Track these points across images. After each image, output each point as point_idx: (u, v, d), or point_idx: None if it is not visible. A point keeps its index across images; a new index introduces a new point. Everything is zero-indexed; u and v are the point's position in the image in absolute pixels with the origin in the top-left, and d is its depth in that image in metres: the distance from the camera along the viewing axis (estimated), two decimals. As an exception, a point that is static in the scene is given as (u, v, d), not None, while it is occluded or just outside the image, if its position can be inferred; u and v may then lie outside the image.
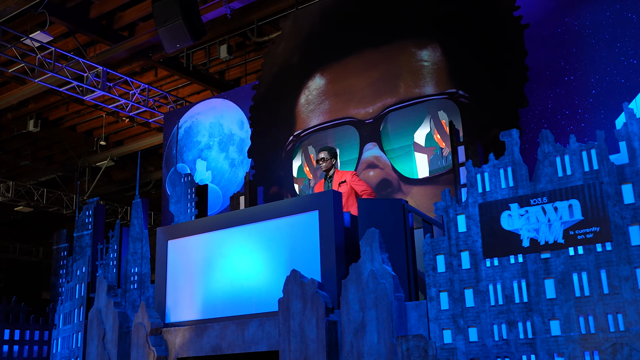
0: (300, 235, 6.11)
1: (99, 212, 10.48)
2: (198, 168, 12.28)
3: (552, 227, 4.80)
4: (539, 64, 8.91)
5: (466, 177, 5.20)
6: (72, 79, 12.96)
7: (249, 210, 6.82)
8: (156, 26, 10.23)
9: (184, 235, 6.92)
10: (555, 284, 4.72)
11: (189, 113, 12.91)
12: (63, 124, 18.74)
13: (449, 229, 5.24)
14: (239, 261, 6.45)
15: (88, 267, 9.54)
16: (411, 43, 8.90)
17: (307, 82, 9.89)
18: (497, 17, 8.37)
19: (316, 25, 10.08)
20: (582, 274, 4.64)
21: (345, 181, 7.09)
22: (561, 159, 4.88)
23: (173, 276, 6.90)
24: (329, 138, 9.34)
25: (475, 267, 5.06)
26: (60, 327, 8.48)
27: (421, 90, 8.65)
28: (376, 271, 5.31)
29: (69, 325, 8.15)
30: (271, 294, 6.07)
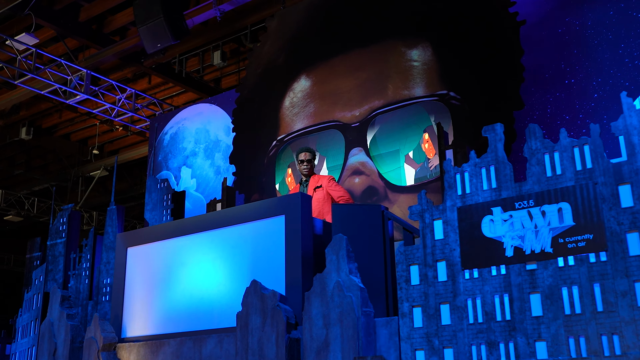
0: (265, 243, 5.53)
1: (73, 220, 9.93)
2: (183, 176, 11.75)
3: (540, 234, 4.19)
4: (538, 66, 8.34)
5: (444, 178, 4.61)
6: (55, 82, 12.48)
7: (212, 215, 6.25)
8: (137, 25, 9.76)
9: (145, 242, 6.36)
10: (542, 300, 4.10)
11: (175, 119, 12.40)
12: (57, 132, 18.33)
13: (425, 236, 4.64)
14: (199, 271, 5.87)
15: (60, 277, 9.00)
16: (401, 42, 8.35)
17: (292, 83, 9.36)
18: (492, 14, 7.82)
19: (303, 25, 9.57)
20: (573, 288, 4.02)
21: (321, 186, 6.51)
22: (550, 157, 4.28)
23: (131, 287, 6.32)
24: (312, 143, 8.77)
25: (453, 280, 4.45)
26: (19, 340, 7.91)
27: (410, 91, 8.09)
28: (342, 283, 4.71)
29: (25, 338, 7.58)
30: (232, 307, 5.47)
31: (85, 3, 12.54)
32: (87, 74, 12.50)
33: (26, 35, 12.05)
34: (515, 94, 7.46)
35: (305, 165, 6.62)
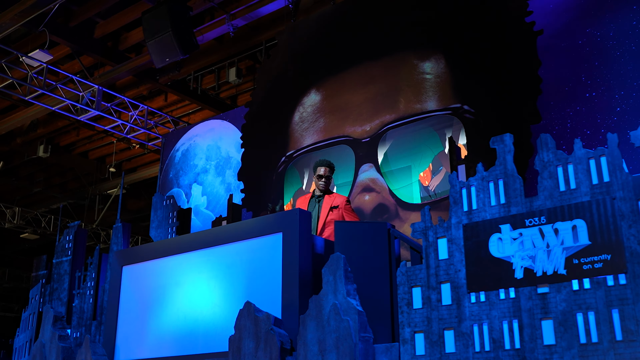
0: (261, 262, 5.22)
1: (79, 237, 9.72)
2: (193, 193, 11.51)
3: (552, 254, 3.81)
4: (557, 79, 7.97)
5: (449, 193, 4.26)
6: (67, 98, 12.39)
7: (208, 232, 5.95)
8: (145, 39, 9.59)
9: (140, 261, 6.08)
10: (554, 327, 3.72)
11: (187, 135, 12.20)
12: (75, 150, 18.30)
13: (428, 256, 4.29)
14: (194, 291, 5.57)
15: (65, 296, 8.78)
16: (413, 54, 8.04)
17: (302, 98, 9.08)
18: (507, 24, 7.49)
19: (313, 38, 9.31)
20: (589, 314, 3.63)
21: (338, 207, 6.13)
22: (563, 170, 3.92)
23: (126, 307, 6.04)
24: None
25: (458, 303, 4.08)
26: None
27: (423, 105, 7.75)
28: (339, 305, 4.37)
29: (23, 359, 7.33)
30: (226, 329, 5.15)
31: (100, 20, 12.47)
32: (98, 90, 12.38)
33: (40, 51, 11.96)
34: (533, 106, 7.09)
35: (324, 182, 6.19)
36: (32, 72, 11.71)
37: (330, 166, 6.27)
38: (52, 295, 9.55)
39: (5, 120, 15.06)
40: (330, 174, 6.23)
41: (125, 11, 12.04)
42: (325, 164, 6.27)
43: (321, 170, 6.22)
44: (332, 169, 6.27)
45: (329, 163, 6.30)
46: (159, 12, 9.36)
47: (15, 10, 10.80)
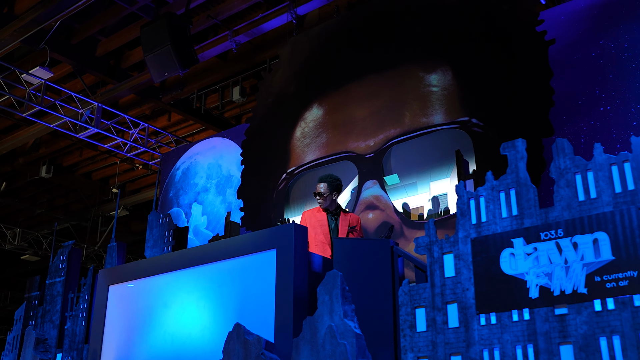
0: (254, 281, 4.85)
1: (73, 258, 9.36)
2: (193, 212, 11.15)
3: (571, 271, 3.43)
4: (570, 92, 7.61)
5: (456, 204, 3.89)
6: (66, 115, 12.14)
7: (199, 249, 5.58)
8: (144, 53, 9.31)
9: (127, 280, 5.72)
10: (575, 352, 3.31)
11: (187, 153, 11.89)
12: (78, 171, 18.05)
13: (433, 273, 3.91)
14: (183, 312, 5.19)
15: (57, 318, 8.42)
16: (418, 66, 7.70)
17: (304, 113, 8.75)
18: (517, 34, 7.15)
19: (315, 51, 9.00)
20: (614, 338, 3.23)
21: (356, 227, 5.82)
22: (582, 177, 3.55)
23: (111, 329, 5.67)
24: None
25: (466, 326, 3.68)
26: (-1, 387, 7.29)
27: (429, 119, 7.40)
28: (335, 328, 3.98)
29: (5, 385, 6.95)
30: (216, 353, 4.77)
31: (102, 38, 12.27)
32: (98, 108, 12.13)
33: (40, 69, 11.74)
34: (544, 119, 6.72)
35: (318, 200, 5.88)
36: (30, 89, 11.48)
37: (326, 181, 5.90)
38: (44, 318, 9.19)
39: (6, 140, 14.84)
40: (328, 191, 5.85)
41: (128, 29, 11.84)
42: (322, 180, 5.94)
43: (317, 188, 5.91)
44: (331, 186, 5.88)
45: (327, 179, 5.94)
46: (157, 25, 9.09)
47: (15, 26, 10.60)
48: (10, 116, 13.78)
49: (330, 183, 5.90)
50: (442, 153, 7.41)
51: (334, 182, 5.93)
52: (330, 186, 5.89)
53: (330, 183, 5.90)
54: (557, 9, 8.05)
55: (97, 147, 15.47)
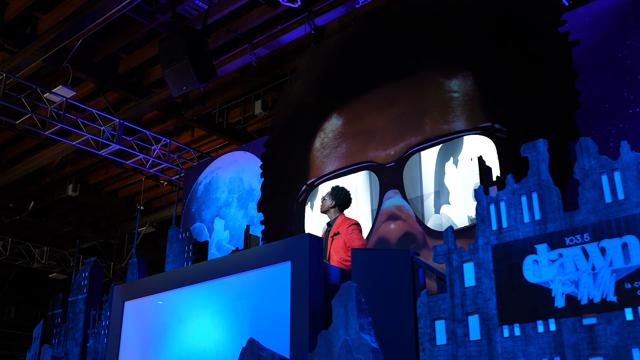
0: (269, 294, 4.69)
1: (95, 274, 9.32)
2: (216, 227, 11.06)
3: (599, 277, 3.20)
4: (597, 95, 7.35)
5: (475, 210, 3.69)
6: (88, 133, 12.18)
7: (213, 263, 5.45)
8: (162, 68, 9.29)
9: (143, 295, 5.60)
10: (605, 365, 3.08)
11: (209, 168, 11.83)
12: (104, 189, 18.15)
13: (452, 283, 3.71)
14: (197, 328, 5.05)
15: (80, 335, 8.37)
16: (438, 72, 7.51)
17: (323, 123, 8.61)
18: (539, 36, 6.93)
19: (333, 60, 8.87)
20: (647, 349, 3.00)
21: (339, 233, 5.61)
22: (609, 178, 3.33)
23: (127, 346, 5.55)
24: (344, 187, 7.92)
25: (488, 338, 3.47)
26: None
27: (450, 126, 7.19)
28: (351, 342, 3.80)
29: (25, 404, 6.87)
30: (231, 370, 4.62)
31: (124, 55, 12.33)
32: (119, 124, 12.15)
33: (63, 87, 11.81)
34: (570, 122, 6.48)
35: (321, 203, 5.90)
36: (52, 107, 11.54)
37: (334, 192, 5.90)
38: (67, 335, 9.15)
39: (33, 159, 14.97)
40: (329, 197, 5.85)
41: (149, 46, 11.88)
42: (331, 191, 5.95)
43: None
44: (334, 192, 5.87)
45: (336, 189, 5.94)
46: (175, 40, 9.06)
47: (36, 46, 10.69)
48: (36, 136, 13.90)
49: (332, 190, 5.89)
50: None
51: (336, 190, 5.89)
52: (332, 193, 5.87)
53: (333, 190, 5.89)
54: (581, 10, 7.82)
55: (122, 164, 15.53)
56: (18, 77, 11.06)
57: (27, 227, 18.99)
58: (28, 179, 16.33)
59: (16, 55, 10.88)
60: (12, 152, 15.36)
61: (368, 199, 7.93)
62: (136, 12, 10.41)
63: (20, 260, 17.96)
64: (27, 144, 14.94)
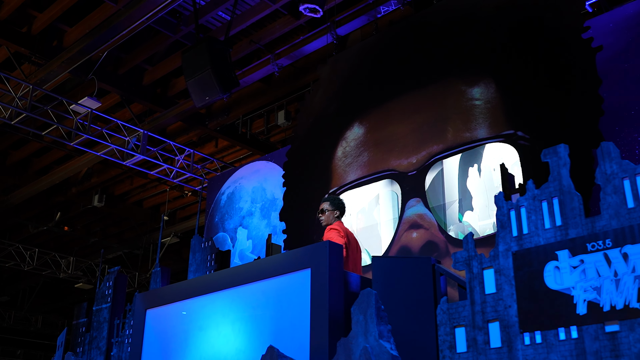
0: (289, 301, 4.69)
1: (119, 283, 9.39)
2: (239, 237, 11.10)
3: (622, 284, 3.15)
4: (622, 102, 7.26)
5: (495, 216, 3.66)
6: (113, 143, 12.33)
7: (233, 270, 5.47)
8: (185, 78, 9.37)
9: (164, 303, 5.63)
10: (629, 373, 3.02)
11: (232, 178, 11.89)
12: (129, 199, 18.33)
13: (472, 290, 3.67)
14: (218, 335, 5.06)
15: (104, 344, 8.45)
16: (460, 80, 7.48)
17: (345, 132, 8.61)
18: (562, 42, 6.86)
19: (355, 69, 8.88)
20: (672, 357, 2.93)
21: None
22: (631, 182, 3.28)
23: (149, 354, 5.58)
24: (366, 194, 7.91)
25: (509, 346, 3.43)
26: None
27: (472, 133, 7.14)
28: (370, 349, 3.77)
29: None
30: (251, 378, 4.62)
31: (148, 66, 12.48)
32: (143, 135, 12.28)
33: (88, 99, 11.97)
34: (594, 129, 6.39)
35: (320, 216, 5.90)
36: (77, 119, 11.71)
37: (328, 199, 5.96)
38: (91, 344, 9.21)
39: (59, 170, 15.18)
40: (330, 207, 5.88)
41: (173, 57, 12.01)
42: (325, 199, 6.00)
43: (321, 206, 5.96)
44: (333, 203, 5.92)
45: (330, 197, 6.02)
46: (198, 50, 9.14)
47: (62, 58, 10.87)
48: (62, 147, 14.10)
49: (332, 201, 5.94)
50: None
51: (336, 200, 5.96)
52: (331, 203, 5.90)
53: (333, 201, 5.94)
54: (605, 17, 7.73)
55: (146, 175, 15.68)
56: (45, 89, 11.24)
57: (54, 238, 19.23)
58: (54, 190, 16.55)
59: (43, 68, 11.07)
60: (39, 164, 15.58)
61: (390, 207, 7.90)
62: (160, 24, 10.54)
63: (47, 270, 18.18)
64: (53, 155, 15.15)
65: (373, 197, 8.48)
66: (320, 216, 5.87)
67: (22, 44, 10.84)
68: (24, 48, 10.88)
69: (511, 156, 6.92)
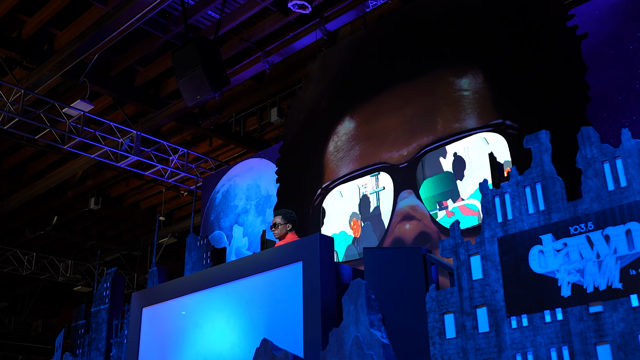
0: (282, 295, 4.74)
1: (117, 284, 9.43)
2: (234, 235, 11.14)
3: (604, 265, 3.21)
4: (609, 88, 7.31)
5: (481, 203, 3.71)
6: (106, 145, 12.36)
7: (227, 266, 5.52)
8: (176, 78, 9.41)
9: (160, 301, 5.69)
10: (613, 352, 3.09)
11: (226, 176, 11.93)
12: (126, 201, 18.34)
13: (460, 277, 3.73)
14: (213, 331, 5.12)
15: (103, 345, 8.50)
16: (448, 71, 7.53)
17: (336, 127, 8.66)
18: (548, 31, 6.92)
19: (345, 64, 8.93)
20: (654, 335, 2.99)
21: None
22: (611, 166, 3.33)
23: (146, 352, 5.63)
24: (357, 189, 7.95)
25: (497, 330, 3.49)
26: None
27: (462, 124, 7.20)
28: (362, 338, 3.83)
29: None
30: (246, 371, 4.67)
31: (140, 67, 12.48)
32: (137, 136, 12.31)
33: (81, 101, 11.97)
34: (581, 116, 6.45)
35: (273, 230, 6.04)
36: (70, 122, 11.73)
37: (281, 213, 6.11)
38: (90, 346, 9.26)
39: (55, 174, 15.19)
40: (283, 221, 6.03)
41: (164, 57, 12.01)
42: (277, 213, 6.16)
43: (274, 219, 6.10)
44: (286, 217, 6.06)
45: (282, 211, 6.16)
46: (188, 49, 9.18)
47: (53, 61, 10.88)
48: (57, 151, 14.12)
49: (284, 215, 6.07)
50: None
51: (288, 214, 6.10)
52: (284, 217, 6.03)
53: (285, 215, 6.08)
54: (591, 4, 7.79)
55: (142, 176, 15.70)
56: (36, 93, 11.25)
57: (52, 242, 19.24)
58: (50, 193, 16.55)
59: (34, 72, 11.08)
60: (34, 168, 15.59)
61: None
62: (150, 25, 10.56)
63: (45, 274, 18.20)
64: (48, 159, 15.15)
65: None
66: (274, 229, 6.00)
67: (12, 48, 10.84)
68: (15, 53, 10.89)
69: (500, 145, 6.98)
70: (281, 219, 6.02)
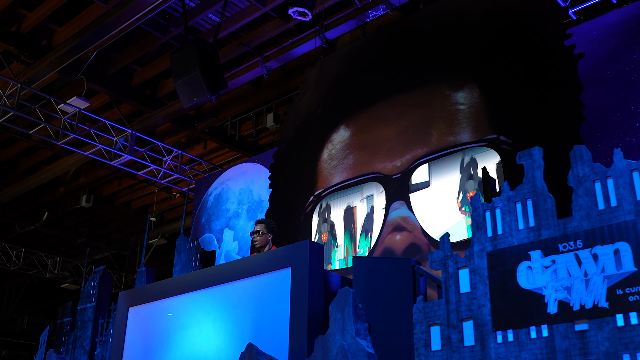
0: (269, 300, 4.74)
1: (104, 283, 9.39)
2: (225, 238, 11.13)
3: (591, 284, 3.22)
4: (604, 108, 7.37)
5: (471, 216, 3.72)
6: (101, 143, 12.33)
7: (215, 269, 5.51)
8: (173, 79, 9.41)
9: (147, 302, 5.67)
10: (596, 371, 3.09)
11: (219, 179, 11.92)
12: (117, 200, 18.28)
13: (448, 289, 3.73)
14: (199, 334, 5.10)
15: (88, 344, 8.46)
16: (445, 85, 7.57)
17: (331, 135, 8.67)
18: (545, 48, 6.96)
19: (342, 73, 8.95)
20: (638, 355, 3.00)
21: None
22: (602, 185, 3.35)
23: (130, 352, 5.60)
24: (350, 197, 7.97)
25: (482, 344, 3.49)
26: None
27: (456, 137, 7.23)
28: (347, 347, 3.83)
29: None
30: (231, 376, 4.66)
31: (138, 67, 12.48)
32: (131, 135, 12.29)
33: (77, 98, 11.94)
34: (575, 134, 6.49)
35: (255, 237, 6.04)
36: (65, 118, 11.71)
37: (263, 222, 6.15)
38: (75, 343, 9.21)
39: (47, 169, 15.14)
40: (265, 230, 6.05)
41: (162, 58, 12.01)
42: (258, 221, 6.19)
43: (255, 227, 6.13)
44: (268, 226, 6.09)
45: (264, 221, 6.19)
46: (186, 51, 9.19)
47: (51, 57, 10.86)
48: (50, 146, 14.08)
49: (267, 224, 6.12)
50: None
51: (270, 224, 6.14)
52: (267, 227, 6.08)
53: (267, 224, 6.12)
54: (589, 24, 7.85)
55: (135, 176, 15.66)
56: (33, 88, 11.22)
57: (41, 238, 19.15)
58: (42, 189, 16.48)
59: (32, 67, 11.06)
60: (27, 163, 15.52)
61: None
62: (150, 25, 10.56)
63: (33, 270, 18.10)
64: (41, 155, 15.10)
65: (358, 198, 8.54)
66: (255, 237, 6.02)
67: (11, 42, 10.82)
68: (13, 47, 10.87)
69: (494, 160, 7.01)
70: (264, 227, 6.05)
